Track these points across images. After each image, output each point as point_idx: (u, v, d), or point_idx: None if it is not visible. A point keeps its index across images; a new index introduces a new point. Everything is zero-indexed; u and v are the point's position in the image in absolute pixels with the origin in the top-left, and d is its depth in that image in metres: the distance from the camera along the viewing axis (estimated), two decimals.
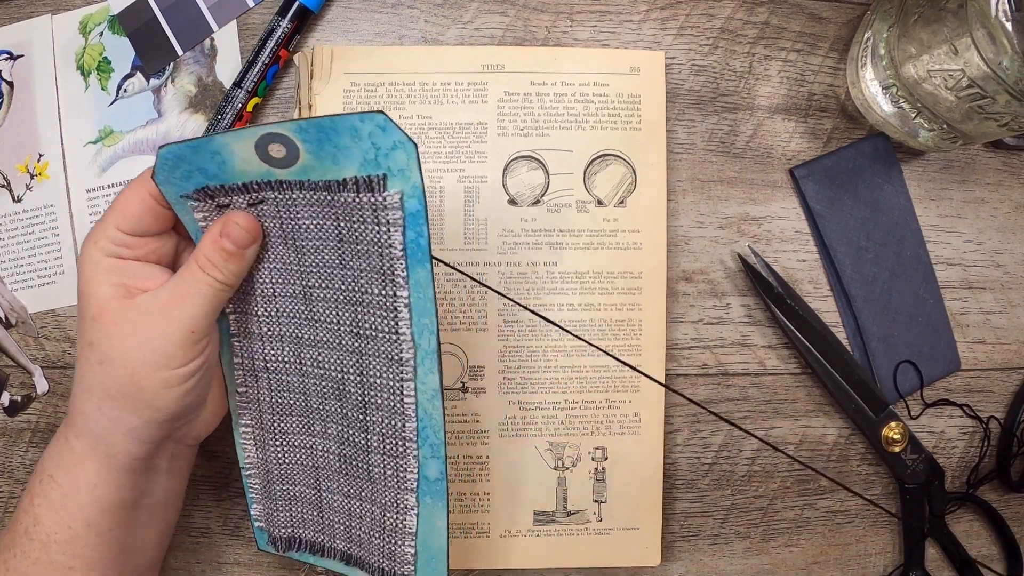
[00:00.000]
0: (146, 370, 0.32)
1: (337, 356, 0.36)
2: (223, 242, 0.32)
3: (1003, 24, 0.34)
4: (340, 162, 0.31)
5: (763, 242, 0.46)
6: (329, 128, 0.30)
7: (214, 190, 0.32)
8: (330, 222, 0.33)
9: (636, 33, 0.46)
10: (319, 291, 0.35)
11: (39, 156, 0.45)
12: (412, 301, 0.33)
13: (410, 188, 0.30)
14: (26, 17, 0.45)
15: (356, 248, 0.33)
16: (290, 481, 0.39)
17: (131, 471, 0.34)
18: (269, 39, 0.44)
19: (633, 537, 0.45)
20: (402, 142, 0.29)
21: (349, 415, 0.36)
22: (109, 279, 0.33)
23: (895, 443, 0.45)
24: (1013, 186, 0.48)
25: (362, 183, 0.31)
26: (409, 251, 0.32)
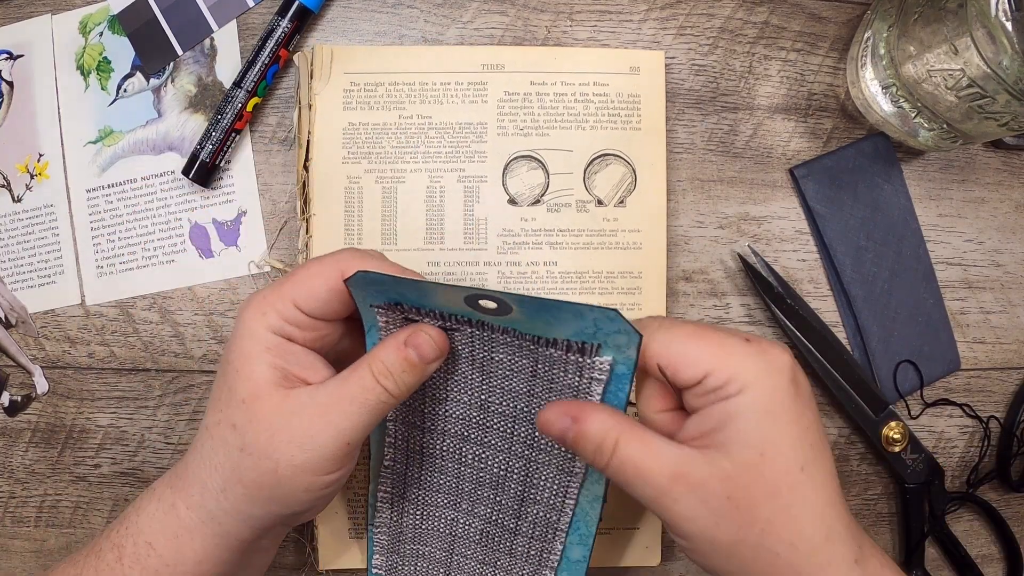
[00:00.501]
0: (291, 471, 0.30)
1: (503, 458, 0.36)
2: (408, 352, 0.30)
3: (1003, 24, 0.34)
4: (553, 327, 0.30)
5: (763, 242, 0.46)
6: (553, 307, 0.29)
7: (408, 309, 0.31)
8: (527, 361, 0.32)
9: (636, 33, 0.46)
10: (498, 406, 0.34)
11: (39, 156, 0.45)
12: None
13: (622, 358, 0.30)
14: (26, 17, 0.45)
15: (549, 386, 0.33)
16: (422, 542, 0.40)
17: (238, 551, 0.32)
18: (269, 39, 0.44)
19: (633, 537, 0.45)
20: (628, 331, 0.29)
21: (503, 503, 0.37)
22: (270, 360, 0.30)
23: (895, 443, 0.45)
24: (1013, 186, 0.48)
25: (574, 347, 0.30)
26: (606, 399, 0.31)
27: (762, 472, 0.27)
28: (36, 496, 0.45)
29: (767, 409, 0.28)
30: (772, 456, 0.28)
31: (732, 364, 0.28)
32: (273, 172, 0.45)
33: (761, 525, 0.27)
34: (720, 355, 0.28)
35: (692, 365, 0.29)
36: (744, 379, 0.28)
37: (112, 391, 0.45)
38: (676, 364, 0.29)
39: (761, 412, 0.28)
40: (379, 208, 0.44)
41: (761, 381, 0.28)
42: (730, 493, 0.27)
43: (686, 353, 0.29)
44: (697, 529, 0.28)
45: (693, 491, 0.27)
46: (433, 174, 0.44)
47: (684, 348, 0.29)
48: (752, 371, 0.28)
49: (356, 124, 0.44)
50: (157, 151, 0.45)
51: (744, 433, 0.28)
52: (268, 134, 0.45)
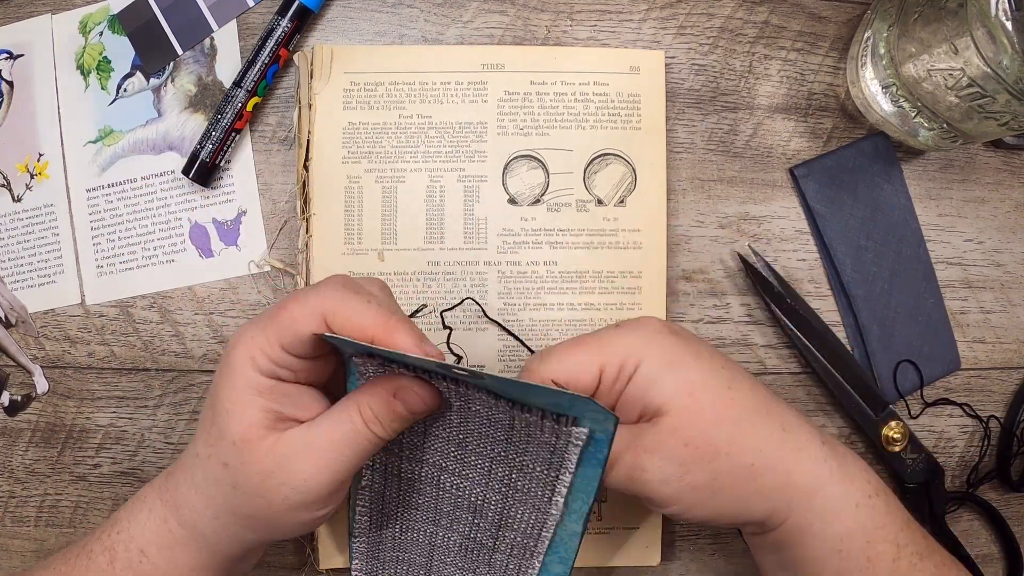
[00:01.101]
0: (285, 509, 0.30)
1: (481, 490, 0.36)
2: (396, 405, 0.30)
3: (1003, 23, 0.34)
4: (529, 399, 0.31)
5: (763, 241, 0.46)
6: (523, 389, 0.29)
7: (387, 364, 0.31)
8: (504, 416, 0.32)
9: (636, 32, 0.46)
10: (476, 447, 0.34)
11: (39, 156, 0.45)
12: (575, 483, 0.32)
13: (600, 430, 0.30)
14: (26, 17, 0.45)
15: (527, 438, 0.32)
16: (402, 549, 0.39)
17: (228, 564, 0.33)
18: (269, 38, 0.44)
19: (633, 537, 0.45)
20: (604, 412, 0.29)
21: (481, 526, 0.37)
22: (261, 404, 0.30)
23: (895, 442, 0.45)
24: (1013, 185, 0.48)
25: (549, 415, 0.30)
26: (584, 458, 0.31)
27: (700, 409, 0.30)
28: (36, 496, 0.45)
29: (668, 361, 0.30)
30: (699, 393, 0.30)
31: (618, 349, 0.31)
32: (273, 172, 0.45)
33: (725, 450, 0.30)
34: (602, 349, 0.31)
35: (585, 369, 0.31)
36: (635, 354, 0.31)
37: (112, 391, 0.45)
38: (571, 374, 0.31)
39: (665, 367, 0.30)
40: (379, 208, 0.44)
41: (649, 348, 0.31)
42: (685, 440, 0.30)
43: (575, 362, 0.31)
44: (675, 487, 0.30)
45: (655, 456, 0.30)
46: (433, 174, 0.44)
47: (571, 359, 0.32)
48: (637, 344, 0.31)
49: (356, 124, 0.44)
50: (157, 151, 0.45)
51: (665, 389, 0.30)
52: (268, 134, 0.45)
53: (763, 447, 0.31)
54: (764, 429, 0.31)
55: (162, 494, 0.33)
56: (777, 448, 0.31)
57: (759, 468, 0.30)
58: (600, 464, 0.31)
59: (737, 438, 0.30)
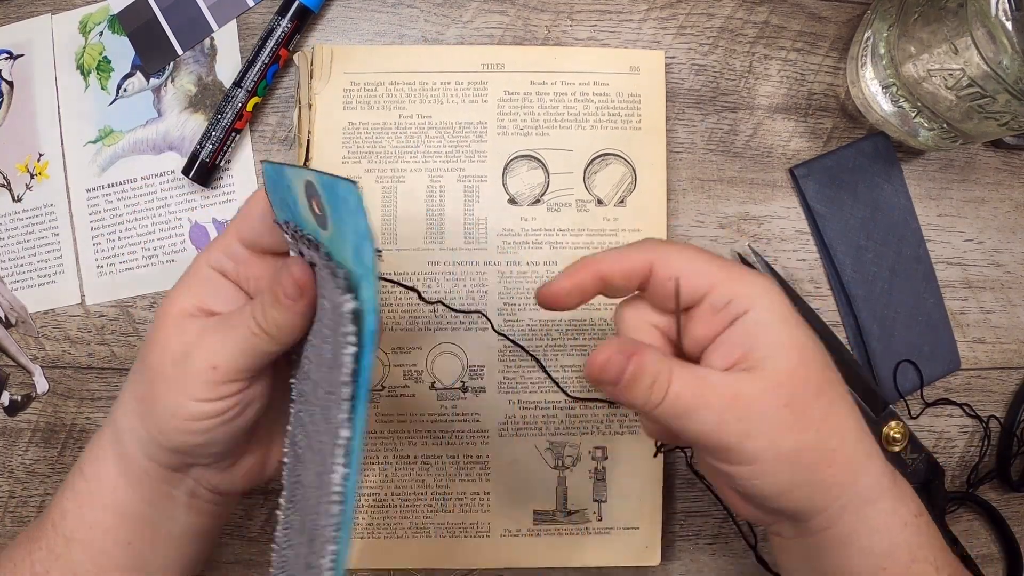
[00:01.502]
0: (163, 385, 0.30)
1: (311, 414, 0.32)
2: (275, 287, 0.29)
3: (1003, 23, 0.34)
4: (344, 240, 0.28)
5: (763, 241, 0.46)
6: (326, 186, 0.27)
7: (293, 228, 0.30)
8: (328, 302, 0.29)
9: (636, 32, 0.46)
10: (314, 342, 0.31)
11: (39, 156, 0.45)
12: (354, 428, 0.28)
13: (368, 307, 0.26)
14: (26, 17, 0.45)
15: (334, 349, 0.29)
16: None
17: (145, 483, 0.32)
18: (269, 38, 0.44)
19: (633, 537, 0.45)
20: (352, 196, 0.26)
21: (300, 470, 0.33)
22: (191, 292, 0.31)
23: (895, 442, 0.45)
24: (1013, 185, 0.48)
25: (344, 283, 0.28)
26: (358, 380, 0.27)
27: (807, 373, 0.28)
28: (36, 496, 0.45)
29: (784, 317, 0.29)
30: (810, 357, 0.29)
31: (734, 282, 0.29)
32: None
33: (816, 424, 0.28)
34: (723, 272, 0.29)
35: (697, 275, 0.29)
36: (748, 296, 0.29)
37: (112, 391, 0.45)
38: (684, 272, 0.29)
39: (780, 320, 0.29)
40: (379, 208, 0.44)
41: (764, 296, 0.29)
42: (786, 401, 0.28)
43: (693, 267, 0.29)
44: (762, 445, 0.28)
45: (751, 408, 0.28)
46: (433, 174, 0.44)
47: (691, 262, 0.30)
48: (753, 289, 0.29)
49: (356, 124, 0.44)
50: (157, 151, 0.45)
51: (778, 342, 0.28)
52: (268, 134, 0.45)
53: (848, 437, 0.29)
54: (850, 421, 0.29)
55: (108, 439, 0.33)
56: (856, 443, 0.29)
57: (838, 457, 0.29)
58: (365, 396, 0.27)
59: (830, 418, 0.29)
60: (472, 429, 0.44)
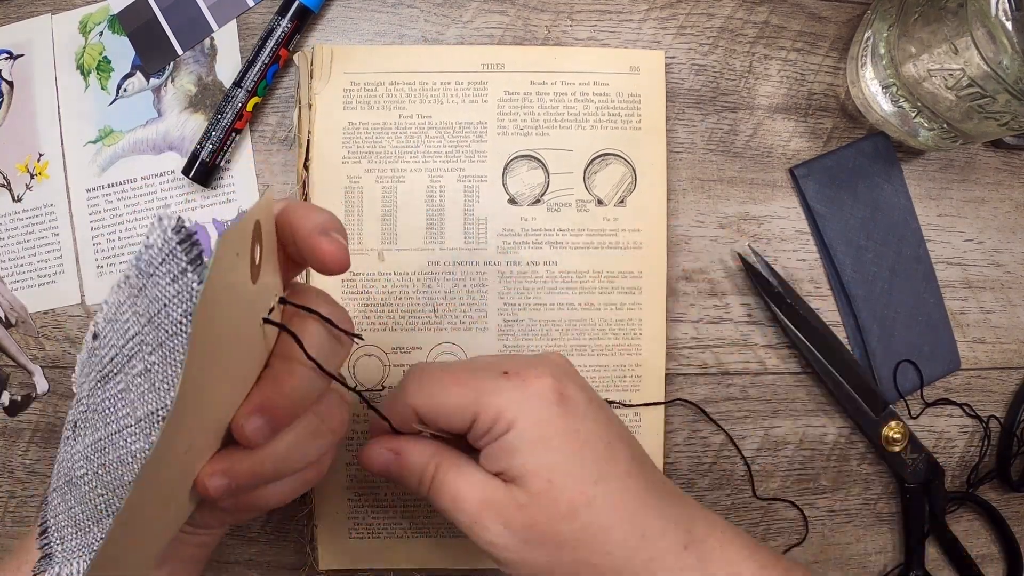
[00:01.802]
0: None
1: None
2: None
3: (1003, 23, 0.34)
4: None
5: (763, 241, 0.46)
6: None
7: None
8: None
9: (636, 32, 0.46)
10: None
11: (39, 156, 0.45)
12: None
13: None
14: (26, 17, 0.45)
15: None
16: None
17: None
18: (269, 38, 0.44)
19: None
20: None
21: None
22: None
23: (895, 442, 0.45)
24: (1013, 185, 0.48)
25: None
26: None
27: (554, 498, 0.28)
28: (36, 496, 0.45)
29: (539, 438, 0.29)
30: (560, 481, 0.29)
31: (495, 403, 0.29)
32: (273, 172, 0.45)
33: (571, 544, 0.29)
34: (482, 397, 0.29)
35: (458, 413, 0.30)
36: (509, 415, 0.29)
37: None
38: (443, 414, 0.30)
39: (534, 442, 0.29)
40: (379, 208, 0.44)
41: (526, 413, 0.29)
42: (531, 522, 0.29)
43: (448, 402, 0.30)
44: (511, 556, 0.29)
45: (499, 518, 0.29)
46: (433, 174, 0.44)
47: (446, 397, 0.30)
48: (515, 405, 0.29)
49: (356, 124, 0.44)
50: (157, 151, 0.45)
51: (527, 466, 0.29)
52: (268, 134, 0.45)
53: (613, 551, 0.29)
54: (618, 534, 0.29)
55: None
56: (628, 556, 0.29)
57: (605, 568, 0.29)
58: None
59: (585, 536, 0.29)
60: None
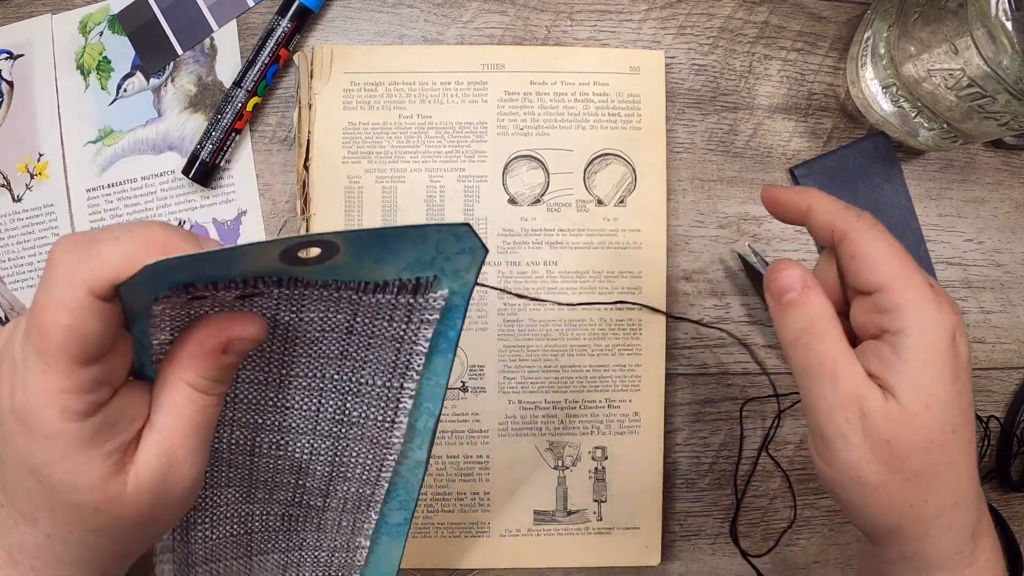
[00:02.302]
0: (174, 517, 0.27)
1: (307, 440, 0.31)
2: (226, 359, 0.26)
3: (1003, 23, 0.34)
4: (383, 263, 0.27)
5: (763, 241, 0.46)
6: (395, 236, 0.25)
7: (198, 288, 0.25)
8: (343, 316, 0.28)
9: (636, 33, 0.46)
10: (302, 380, 0.30)
11: (39, 156, 0.45)
12: (421, 389, 0.30)
13: (459, 287, 0.28)
14: (26, 17, 0.45)
15: (367, 341, 0.29)
16: (216, 558, 0.34)
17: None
18: (269, 39, 0.44)
19: (633, 537, 0.45)
20: (473, 249, 0.26)
21: (308, 486, 0.33)
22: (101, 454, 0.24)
23: None
24: (1013, 185, 0.48)
25: (408, 286, 0.27)
26: (435, 343, 0.29)
27: (922, 425, 0.28)
28: None
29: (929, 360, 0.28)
30: (933, 411, 0.28)
31: (907, 295, 0.28)
32: (273, 172, 0.45)
33: (906, 475, 0.28)
34: (902, 279, 0.28)
35: (874, 270, 0.29)
36: (910, 318, 0.28)
37: None
38: (862, 261, 0.29)
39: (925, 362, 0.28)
40: (379, 208, 0.44)
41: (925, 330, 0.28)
42: (891, 437, 0.28)
43: (879, 256, 0.29)
44: (850, 458, 0.28)
45: (863, 419, 0.28)
46: (433, 174, 0.44)
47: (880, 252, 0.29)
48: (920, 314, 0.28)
49: (356, 124, 0.44)
50: (157, 151, 0.45)
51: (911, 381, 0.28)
52: (268, 134, 0.45)
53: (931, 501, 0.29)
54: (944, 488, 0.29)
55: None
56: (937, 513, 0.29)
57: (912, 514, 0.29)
58: (452, 347, 0.28)
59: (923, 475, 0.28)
60: (472, 429, 0.44)
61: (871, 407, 0.28)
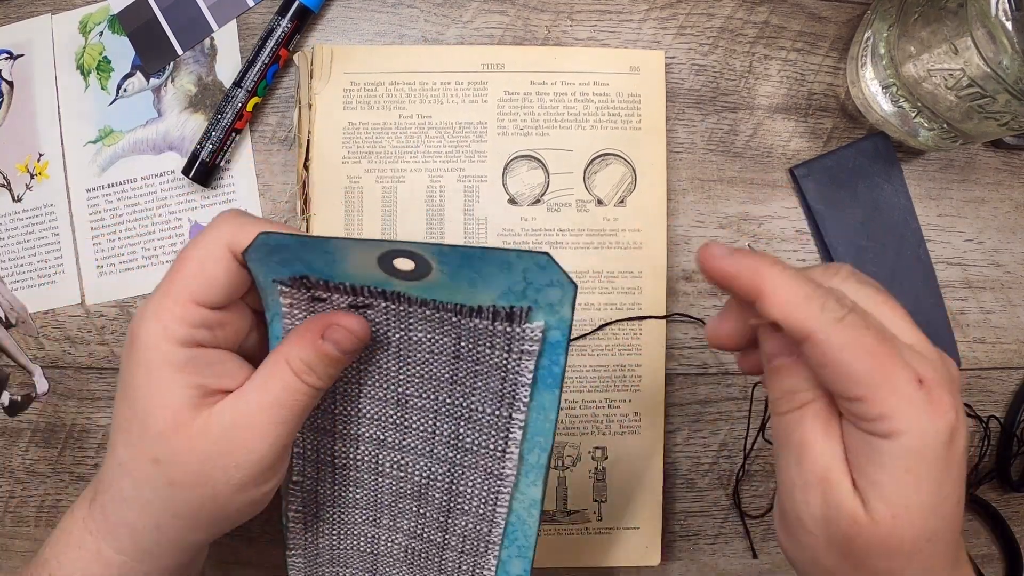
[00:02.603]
0: (230, 491, 0.28)
1: (425, 463, 0.33)
2: (326, 347, 0.28)
3: (1003, 23, 0.34)
4: (478, 287, 0.28)
5: (763, 241, 0.46)
6: (477, 257, 0.26)
7: (314, 283, 0.28)
8: (448, 339, 0.30)
9: (636, 33, 0.46)
10: (417, 400, 0.32)
11: (39, 156, 0.45)
12: (529, 422, 0.31)
13: (556, 322, 0.28)
14: (26, 17, 0.45)
15: (475, 368, 0.30)
16: (342, 563, 0.36)
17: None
18: (269, 39, 0.44)
19: (633, 537, 0.45)
20: (561, 283, 0.27)
21: (428, 515, 0.34)
22: (184, 381, 0.27)
23: None
24: (1013, 185, 0.48)
25: (501, 314, 0.28)
26: (539, 376, 0.30)
27: (887, 534, 0.25)
28: (36, 496, 0.45)
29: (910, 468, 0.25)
30: (904, 522, 0.25)
31: (892, 403, 0.25)
32: (273, 172, 0.45)
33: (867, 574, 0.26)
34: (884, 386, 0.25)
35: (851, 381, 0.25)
36: (897, 425, 0.25)
37: (112, 391, 0.45)
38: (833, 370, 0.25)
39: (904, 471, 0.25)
40: (379, 208, 0.44)
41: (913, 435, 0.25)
42: (853, 535, 0.26)
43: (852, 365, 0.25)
44: (807, 541, 0.27)
45: (825, 507, 0.26)
46: (433, 174, 0.44)
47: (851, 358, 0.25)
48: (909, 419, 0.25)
49: (356, 124, 0.44)
50: (157, 151, 0.45)
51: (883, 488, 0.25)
52: (268, 134, 0.45)
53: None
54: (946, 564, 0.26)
55: (88, 524, 0.29)
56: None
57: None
58: (557, 382, 0.29)
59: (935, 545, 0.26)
60: None
61: (835, 498, 0.25)
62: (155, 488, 0.27)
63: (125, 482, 0.28)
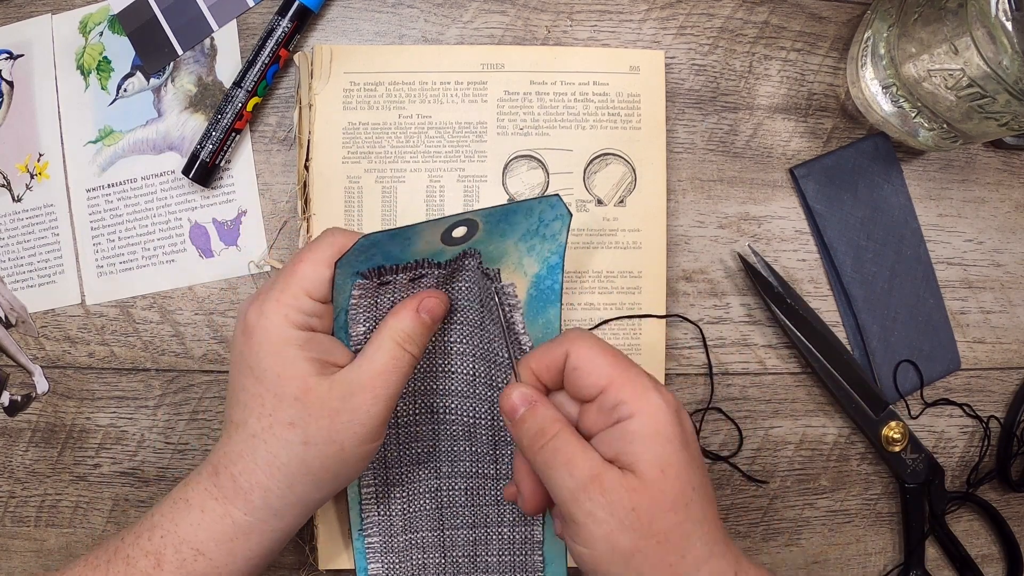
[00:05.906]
0: (354, 445, 0.33)
1: (470, 404, 0.39)
2: (423, 317, 0.35)
3: (1003, 24, 0.34)
4: (506, 235, 0.35)
5: (763, 241, 0.46)
6: (512, 211, 0.35)
7: (386, 270, 0.35)
8: (477, 288, 0.37)
9: (636, 32, 0.46)
10: (459, 345, 0.38)
11: (39, 156, 0.45)
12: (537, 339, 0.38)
13: (555, 247, 0.38)
14: (26, 17, 0.45)
15: (491, 316, 0.37)
16: (413, 529, 0.41)
17: (288, 539, 0.36)
18: (269, 39, 0.44)
19: None
20: (562, 215, 0.37)
21: (479, 451, 0.40)
22: (306, 356, 0.33)
23: (895, 443, 0.45)
24: (1013, 186, 0.48)
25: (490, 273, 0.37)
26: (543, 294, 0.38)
27: (663, 488, 0.31)
28: (36, 496, 0.45)
29: (659, 432, 0.31)
30: (672, 475, 0.31)
31: (628, 388, 0.32)
32: (273, 172, 0.45)
33: (658, 537, 0.30)
34: (621, 376, 0.32)
35: (595, 374, 0.32)
36: (636, 405, 0.31)
37: (112, 391, 0.45)
38: (584, 368, 0.33)
39: (653, 435, 0.31)
40: (379, 208, 0.44)
41: (651, 411, 0.31)
42: (635, 504, 0.30)
43: (594, 362, 0.32)
44: (601, 533, 0.30)
45: (605, 495, 0.30)
46: (433, 174, 0.44)
47: (594, 358, 0.33)
48: (644, 399, 0.31)
49: (356, 124, 0.44)
50: (157, 151, 0.45)
51: (645, 452, 0.31)
52: (268, 134, 0.45)
53: (687, 556, 0.31)
54: (698, 542, 0.31)
55: (215, 493, 0.34)
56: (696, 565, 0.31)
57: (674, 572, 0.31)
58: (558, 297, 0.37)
59: (674, 534, 0.31)
60: None
61: (610, 483, 0.30)
62: (291, 449, 0.33)
63: (260, 450, 0.33)
